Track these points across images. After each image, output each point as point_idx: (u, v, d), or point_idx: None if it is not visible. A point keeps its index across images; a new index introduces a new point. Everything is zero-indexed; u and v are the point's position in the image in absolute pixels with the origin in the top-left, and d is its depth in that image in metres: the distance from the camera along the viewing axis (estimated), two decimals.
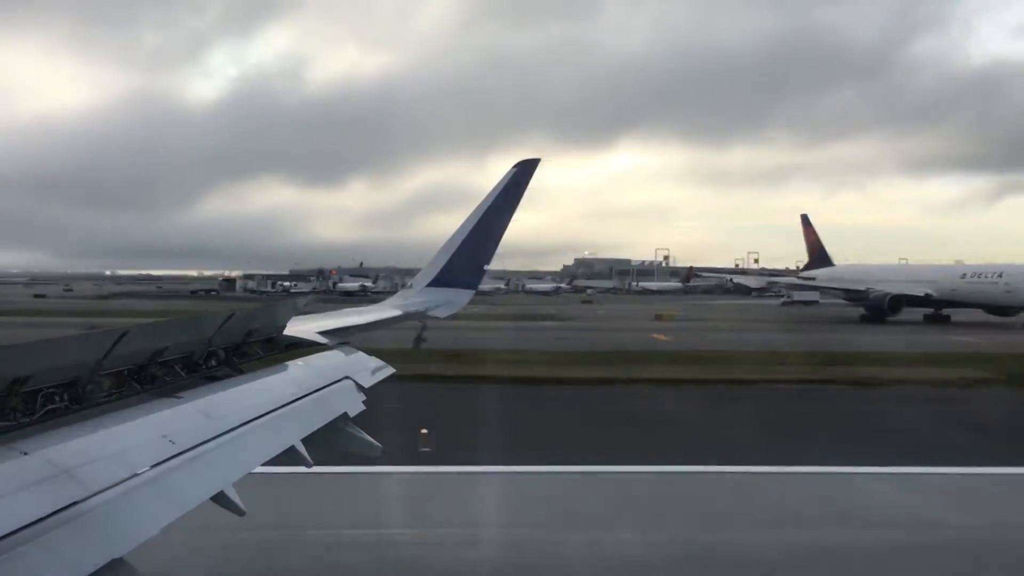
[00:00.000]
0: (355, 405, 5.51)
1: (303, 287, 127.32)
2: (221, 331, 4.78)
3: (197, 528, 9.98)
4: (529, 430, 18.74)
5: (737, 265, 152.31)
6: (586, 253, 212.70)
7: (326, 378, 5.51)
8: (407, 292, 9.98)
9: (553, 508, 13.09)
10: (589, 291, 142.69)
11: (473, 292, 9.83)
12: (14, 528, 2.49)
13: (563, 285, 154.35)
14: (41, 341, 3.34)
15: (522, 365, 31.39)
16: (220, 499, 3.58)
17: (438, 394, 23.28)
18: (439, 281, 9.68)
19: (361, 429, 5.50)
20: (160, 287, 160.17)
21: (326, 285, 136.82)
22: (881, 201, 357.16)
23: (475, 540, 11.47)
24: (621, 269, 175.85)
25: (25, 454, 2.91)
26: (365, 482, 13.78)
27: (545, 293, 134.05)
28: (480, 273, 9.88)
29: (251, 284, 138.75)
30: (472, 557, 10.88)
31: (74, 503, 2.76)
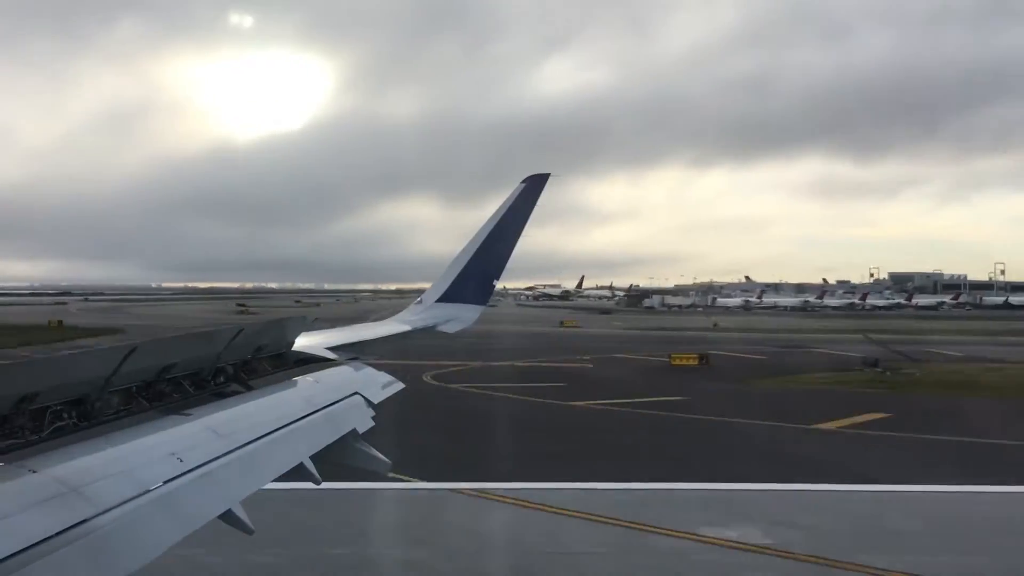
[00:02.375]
0: (364, 421, 5.47)
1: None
2: (230, 347, 4.76)
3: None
4: None
5: None
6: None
7: (335, 394, 5.48)
8: (416, 307, 9.96)
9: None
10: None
11: (483, 308, 9.80)
12: (23, 546, 2.47)
13: (752, 299, 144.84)
14: (49, 358, 3.33)
15: None
16: (229, 517, 3.55)
17: None
18: (448, 297, 9.65)
19: (370, 445, 5.47)
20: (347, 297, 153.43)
21: (705, 300, 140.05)
22: None
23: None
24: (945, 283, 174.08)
25: (33, 472, 2.89)
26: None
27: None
28: (490, 289, 9.85)
29: (657, 300, 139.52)
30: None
31: (83, 521, 2.73)
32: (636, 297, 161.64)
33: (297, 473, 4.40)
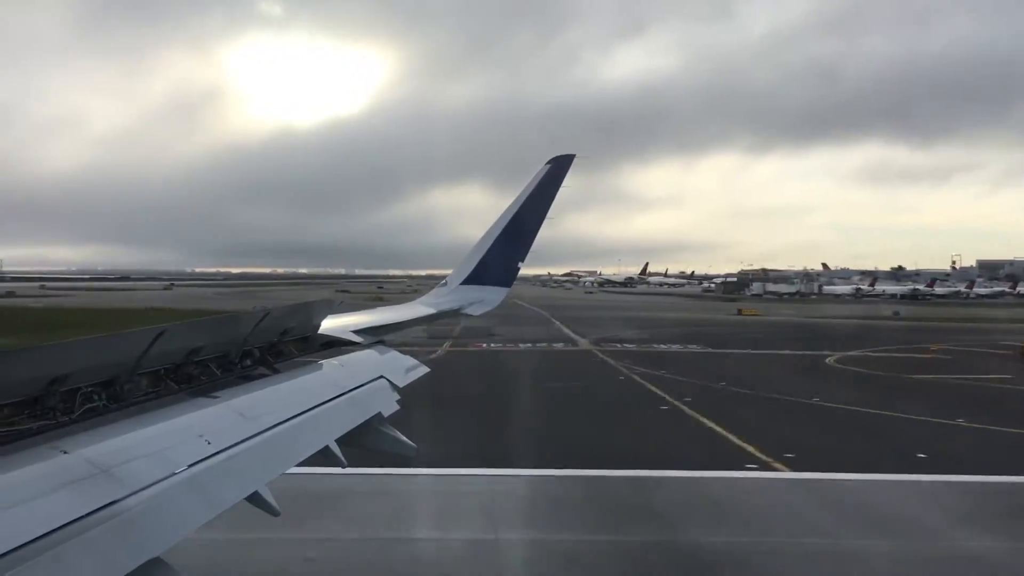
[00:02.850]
0: (389, 405, 5.48)
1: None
2: (257, 330, 4.78)
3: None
4: None
5: None
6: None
7: (361, 377, 5.49)
8: (441, 290, 9.94)
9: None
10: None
11: (507, 290, 9.74)
12: (55, 526, 2.49)
13: (862, 287, 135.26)
14: (80, 340, 3.36)
15: None
16: (255, 499, 3.57)
17: None
18: (473, 279, 9.61)
19: (395, 429, 5.48)
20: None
21: (811, 287, 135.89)
22: None
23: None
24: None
25: (65, 452, 2.92)
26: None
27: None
28: (514, 271, 9.79)
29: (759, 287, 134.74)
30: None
31: (113, 502, 2.76)
32: (734, 285, 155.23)
33: (323, 456, 4.42)
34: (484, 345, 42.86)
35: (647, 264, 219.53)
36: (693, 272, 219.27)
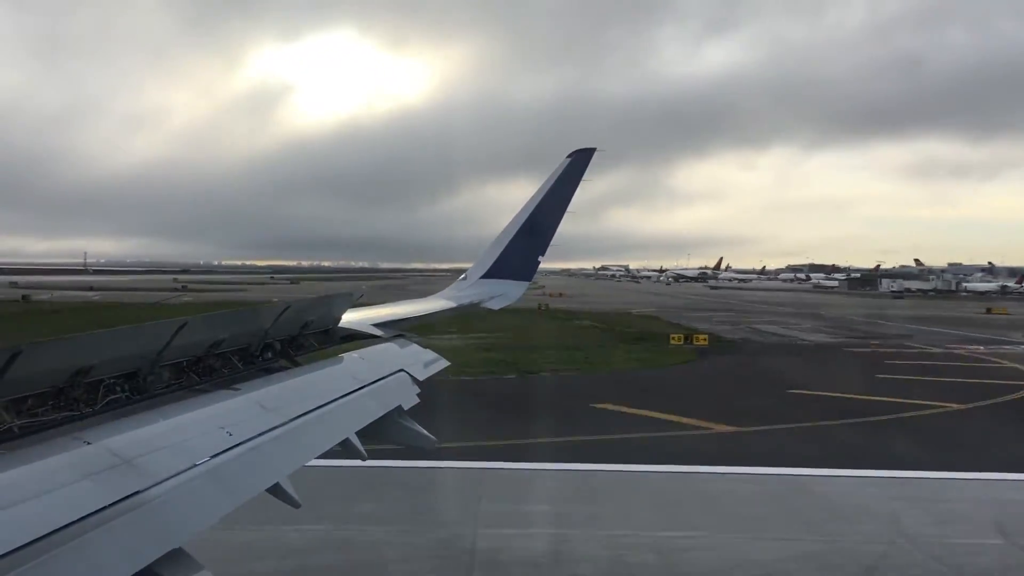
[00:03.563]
0: (410, 398, 5.49)
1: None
2: (278, 323, 4.80)
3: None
4: None
5: None
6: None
7: (381, 371, 5.50)
8: (461, 284, 9.95)
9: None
10: None
11: (528, 284, 9.74)
12: (78, 516, 2.52)
13: (1011, 284, 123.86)
14: (103, 332, 3.38)
15: None
16: (276, 491, 3.59)
17: None
18: (493, 273, 9.61)
19: (415, 422, 5.48)
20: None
21: (949, 285, 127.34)
22: None
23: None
24: None
25: (88, 443, 2.95)
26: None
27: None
28: (535, 265, 9.78)
29: (892, 284, 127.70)
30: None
31: (135, 493, 2.78)
32: (858, 281, 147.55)
33: (343, 449, 4.43)
34: None
35: (721, 259, 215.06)
36: (764, 267, 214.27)
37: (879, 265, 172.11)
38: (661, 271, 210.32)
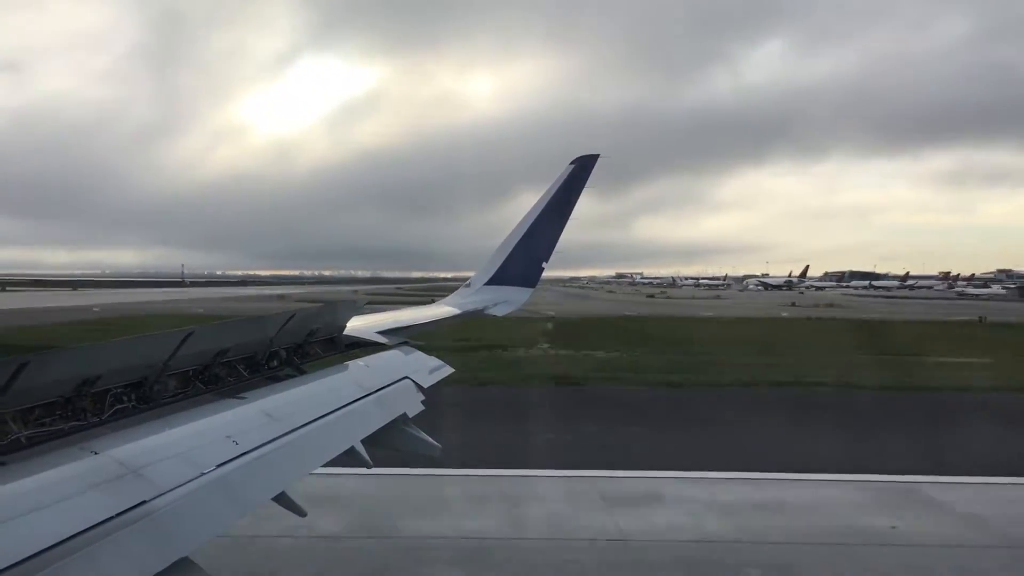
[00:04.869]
0: (415, 405, 5.49)
1: None
2: (283, 331, 4.81)
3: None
4: None
5: None
6: None
7: (386, 378, 5.51)
8: (465, 290, 9.96)
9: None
10: None
11: (532, 290, 9.74)
12: (85, 527, 2.52)
13: None
14: (110, 342, 3.39)
15: None
16: (282, 499, 3.59)
17: None
18: (497, 279, 9.62)
19: (420, 429, 5.48)
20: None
21: None
22: None
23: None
24: None
25: (95, 453, 2.95)
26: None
27: None
28: (538, 271, 9.78)
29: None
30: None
31: (142, 502, 2.78)
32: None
33: (349, 457, 4.43)
34: None
35: (807, 267, 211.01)
36: (848, 272, 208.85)
37: (907, 272, 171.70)
38: (742, 279, 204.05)
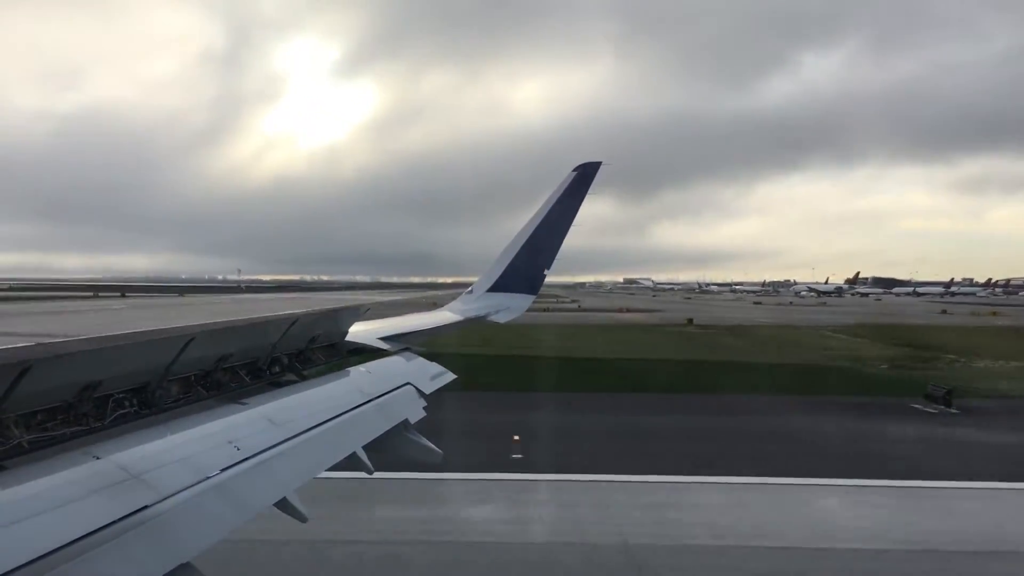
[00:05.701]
0: (416, 411, 5.48)
1: None
2: (285, 337, 4.81)
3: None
4: None
5: None
6: None
7: (388, 384, 5.49)
8: (468, 297, 9.94)
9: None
10: None
11: (534, 297, 9.73)
12: (88, 531, 2.52)
13: None
14: (111, 347, 3.39)
15: None
16: (283, 505, 3.58)
17: None
18: (499, 286, 9.60)
19: (422, 435, 5.47)
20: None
21: None
22: None
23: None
24: None
25: (97, 458, 2.95)
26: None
27: None
28: (541, 278, 9.77)
29: None
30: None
31: (144, 507, 2.78)
32: None
33: (350, 462, 4.42)
34: None
35: (858, 273, 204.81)
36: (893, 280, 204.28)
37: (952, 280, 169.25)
38: (843, 285, 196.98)
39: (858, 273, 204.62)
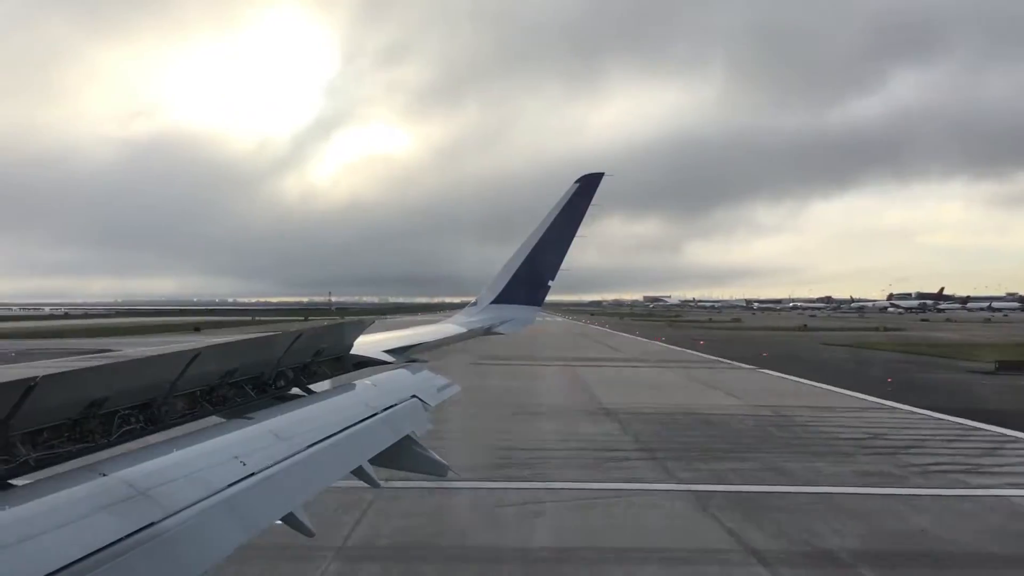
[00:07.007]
0: (422, 424, 5.48)
1: None
2: (290, 351, 4.82)
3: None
4: None
5: None
6: None
7: (393, 397, 5.50)
8: (472, 309, 9.96)
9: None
10: None
11: (538, 309, 9.74)
12: (94, 548, 2.51)
13: None
14: (118, 363, 3.40)
15: None
16: (290, 520, 3.58)
17: None
18: (503, 298, 9.62)
19: (428, 448, 5.46)
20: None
21: None
22: None
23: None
24: None
25: (103, 475, 2.95)
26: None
27: None
28: (544, 289, 9.79)
29: None
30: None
31: (151, 524, 2.78)
32: None
33: (356, 477, 4.42)
34: None
35: (943, 288, 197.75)
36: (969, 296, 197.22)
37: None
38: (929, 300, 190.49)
39: (942, 288, 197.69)
